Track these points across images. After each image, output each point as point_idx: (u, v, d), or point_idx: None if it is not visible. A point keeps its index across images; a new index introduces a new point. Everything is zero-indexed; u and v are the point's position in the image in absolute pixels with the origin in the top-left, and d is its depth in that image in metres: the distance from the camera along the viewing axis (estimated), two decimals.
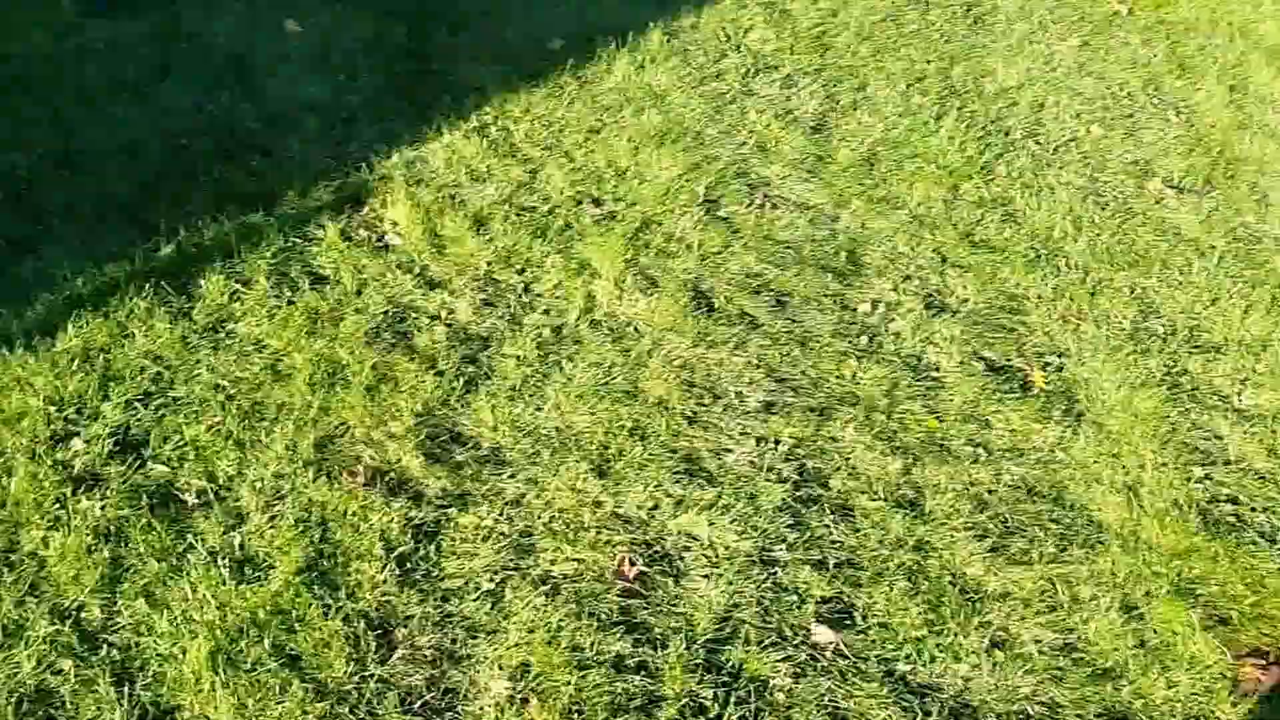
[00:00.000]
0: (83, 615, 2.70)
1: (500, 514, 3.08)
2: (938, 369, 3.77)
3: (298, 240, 3.87)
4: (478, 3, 5.25)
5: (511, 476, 3.19)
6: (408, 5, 5.16)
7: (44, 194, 3.85)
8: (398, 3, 5.16)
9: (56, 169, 3.95)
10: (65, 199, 3.85)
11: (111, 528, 2.88)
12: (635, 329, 3.74)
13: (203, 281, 3.63)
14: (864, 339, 3.84)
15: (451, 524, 3.04)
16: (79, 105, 4.25)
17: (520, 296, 3.80)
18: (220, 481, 3.06)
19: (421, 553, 2.96)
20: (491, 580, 2.92)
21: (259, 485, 3.05)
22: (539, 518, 3.09)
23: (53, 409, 3.15)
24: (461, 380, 3.45)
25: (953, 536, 3.21)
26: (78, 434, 3.11)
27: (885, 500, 3.29)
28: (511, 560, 2.97)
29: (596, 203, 4.23)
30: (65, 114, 4.19)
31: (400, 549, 2.94)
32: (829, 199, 4.45)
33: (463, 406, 3.38)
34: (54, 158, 4.00)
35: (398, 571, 2.90)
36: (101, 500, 2.93)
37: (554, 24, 5.17)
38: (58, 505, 2.91)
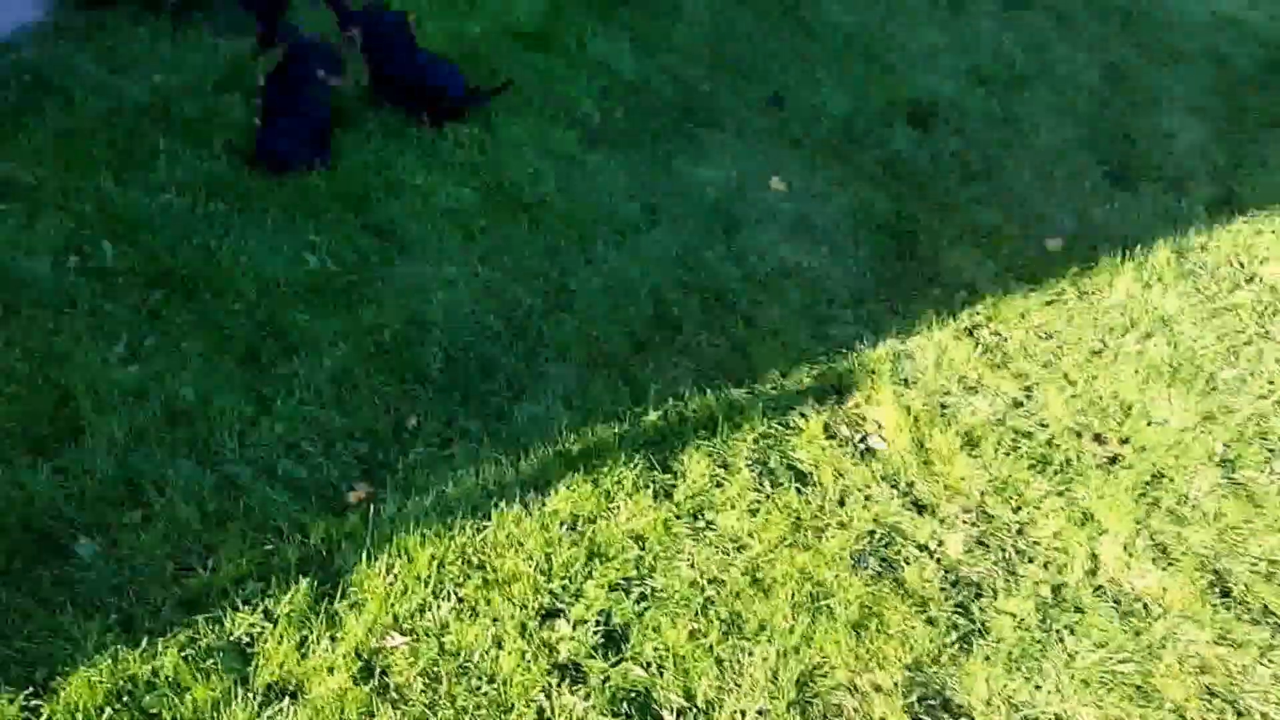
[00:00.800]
0: None
1: None
2: None
3: (778, 427, 3.68)
4: (968, 186, 4.98)
5: None
6: (893, 176, 4.96)
7: (541, 332, 3.85)
8: (884, 173, 4.98)
9: (553, 308, 3.95)
10: (559, 340, 3.83)
11: None
12: (1145, 607, 3.29)
13: (685, 458, 3.49)
14: None
15: None
16: (575, 242, 4.26)
17: (1015, 540, 3.44)
18: (699, 703, 2.84)
19: None
20: None
21: (740, 718, 2.81)
22: None
23: (541, 578, 3.05)
24: (954, 634, 3.11)
25: None
26: (563, 613, 2.99)
27: None
28: None
29: (1099, 440, 3.82)
30: (563, 250, 4.21)
31: None
32: None
33: (954, 667, 3.04)
34: (551, 295, 4.00)
35: None
36: (585, 699, 2.78)
37: (1051, 219, 4.83)
38: (543, 694, 2.78)
